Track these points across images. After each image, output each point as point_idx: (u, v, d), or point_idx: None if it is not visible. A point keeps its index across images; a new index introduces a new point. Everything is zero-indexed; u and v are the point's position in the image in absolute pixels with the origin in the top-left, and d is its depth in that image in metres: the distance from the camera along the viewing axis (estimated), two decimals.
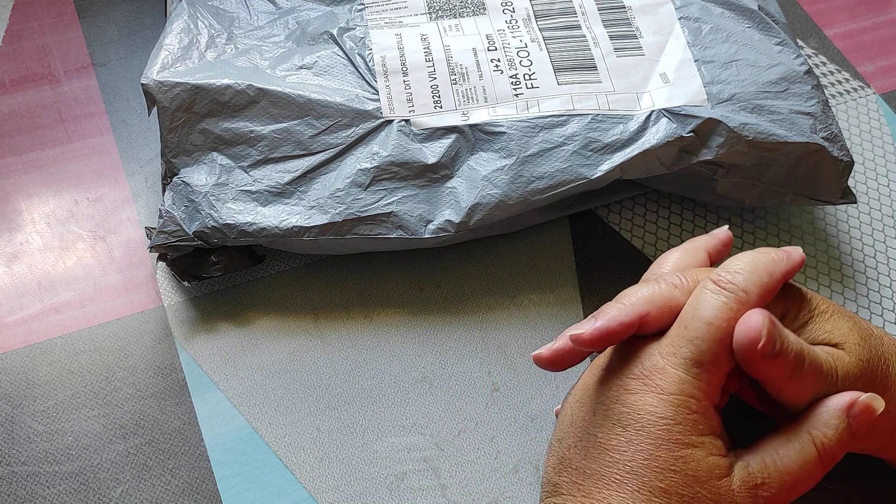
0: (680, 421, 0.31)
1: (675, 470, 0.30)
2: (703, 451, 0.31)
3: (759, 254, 0.34)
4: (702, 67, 0.46)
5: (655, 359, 0.32)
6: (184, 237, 0.42)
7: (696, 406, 0.31)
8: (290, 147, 0.44)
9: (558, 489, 0.33)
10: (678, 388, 0.31)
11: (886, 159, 0.52)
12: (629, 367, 0.32)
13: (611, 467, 0.31)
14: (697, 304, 0.32)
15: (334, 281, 0.45)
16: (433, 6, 0.49)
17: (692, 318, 0.31)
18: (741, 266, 0.33)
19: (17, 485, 0.39)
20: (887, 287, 0.46)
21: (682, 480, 0.30)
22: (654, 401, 0.31)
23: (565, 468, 0.33)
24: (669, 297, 0.33)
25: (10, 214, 0.47)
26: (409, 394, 0.42)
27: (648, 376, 0.31)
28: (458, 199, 0.43)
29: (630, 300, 0.33)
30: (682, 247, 0.37)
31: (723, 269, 0.33)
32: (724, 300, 0.31)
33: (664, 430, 0.31)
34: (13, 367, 0.42)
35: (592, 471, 0.31)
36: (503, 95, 0.45)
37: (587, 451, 0.32)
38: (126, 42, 0.55)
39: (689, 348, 0.31)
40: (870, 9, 0.60)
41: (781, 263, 0.33)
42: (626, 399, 0.32)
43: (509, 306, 0.45)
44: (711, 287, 0.32)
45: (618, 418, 0.31)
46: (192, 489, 0.39)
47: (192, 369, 0.42)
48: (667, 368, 0.31)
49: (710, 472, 0.30)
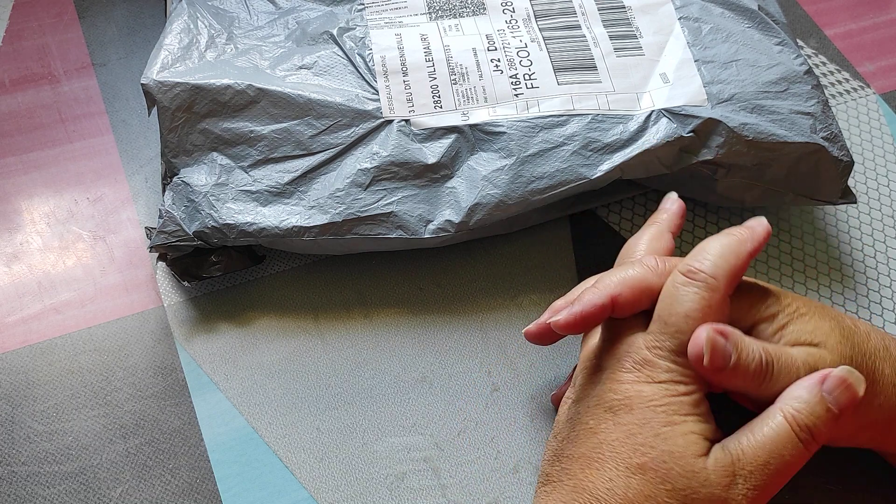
0: (666, 402, 0.32)
1: (653, 446, 0.31)
2: (682, 429, 0.31)
3: (724, 236, 0.35)
4: (702, 67, 0.46)
5: (643, 352, 0.33)
6: (184, 237, 0.42)
7: (684, 389, 0.32)
8: (290, 147, 0.44)
9: (549, 478, 0.34)
10: (667, 375, 0.32)
11: (886, 159, 0.52)
12: (621, 363, 0.33)
13: (596, 448, 0.32)
14: (672, 299, 0.33)
15: (334, 281, 0.45)
16: (433, 6, 0.49)
17: (669, 313, 0.33)
18: (708, 253, 0.34)
19: (17, 485, 0.39)
20: (887, 287, 0.46)
21: (657, 456, 0.31)
22: (643, 387, 0.32)
23: (557, 458, 0.34)
24: (642, 278, 0.34)
25: (10, 214, 0.47)
26: (409, 394, 0.42)
27: (640, 369, 0.33)
28: (458, 199, 0.43)
29: (604, 283, 0.34)
30: (647, 232, 0.38)
31: (691, 258, 0.34)
32: (695, 290, 0.33)
33: (650, 409, 0.32)
34: (13, 367, 0.42)
35: (580, 454, 0.33)
36: (503, 95, 0.45)
37: (577, 438, 0.33)
38: (126, 42, 0.55)
39: (671, 341, 0.33)
40: (870, 9, 0.60)
41: (746, 243, 0.34)
42: (617, 388, 0.33)
43: (509, 306, 0.45)
44: (681, 280, 0.33)
45: (609, 405, 0.33)
46: (192, 489, 0.39)
47: (192, 369, 0.42)
48: (655, 361, 0.33)
49: (686, 448, 0.31)
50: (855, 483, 0.40)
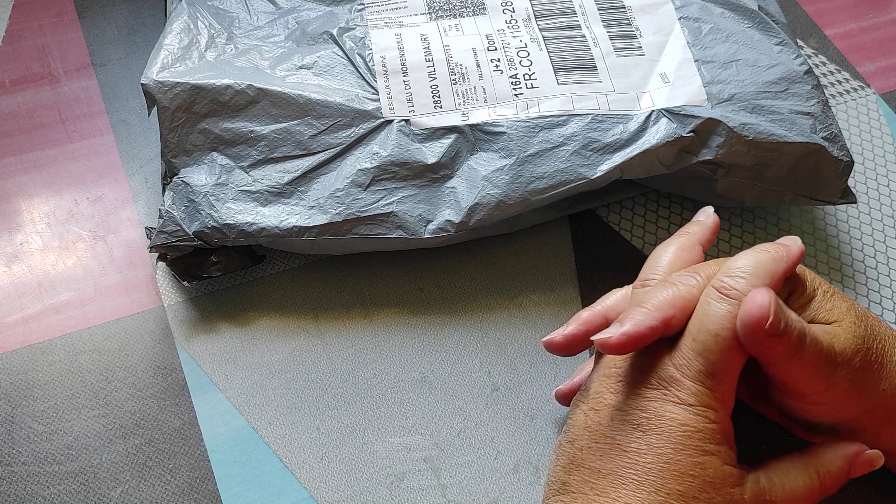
0: (700, 429, 0.31)
1: (694, 475, 0.31)
2: (719, 460, 0.31)
3: (760, 253, 0.34)
4: (702, 67, 0.46)
5: (670, 370, 0.32)
6: (184, 237, 0.42)
7: (714, 416, 0.31)
8: (290, 147, 0.44)
9: (567, 487, 0.33)
10: (696, 399, 0.31)
11: (886, 159, 0.52)
12: (645, 378, 0.33)
13: (628, 468, 0.31)
14: (703, 315, 0.32)
15: (334, 281, 0.45)
16: (433, 6, 0.49)
17: (699, 330, 0.32)
18: (742, 270, 0.33)
19: (17, 485, 0.39)
20: (887, 287, 0.46)
21: (698, 485, 0.31)
22: (674, 409, 0.31)
23: (577, 467, 0.33)
24: (690, 298, 0.33)
25: (10, 214, 0.47)
26: (409, 394, 0.42)
27: (666, 387, 0.32)
28: (458, 199, 0.43)
29: (653, 304, 0.33)
30: (676, 241, 0.37)
31: (724, 274, 0.33)
32: (728, 308, 0.32)
33: (685, 435, 0.31)
34: (13, 367, 0.42)
35: (608, 470, 0.32)
36: (503, 95, 0.45)
37: (603, 452, 0.32)
38: (126, 42, 0.55)
39: (700, 361, 0.32)
40: (870, 9, 0.60)
41: (782, 262, 0.34)
42: (645, 405, 0.32)
43: (509, 306, 0.45)
44: (715, 296, 0.32)
45: (637, 423, 0.32)
46: (192, 489, 0.39)
47: (192, 369, 0.42)
48: (683, 381, 0.32)
49: (725, 479, 0.31)
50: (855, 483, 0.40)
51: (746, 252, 0.34)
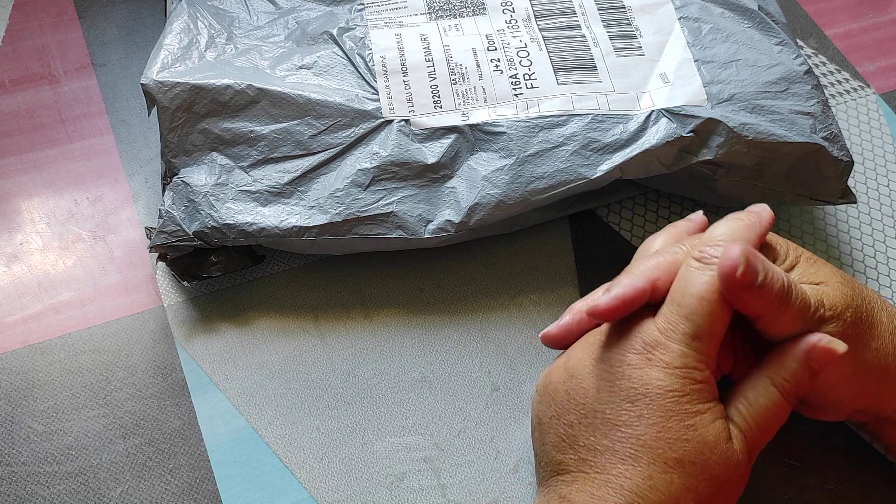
0: (687, 392, 0.32)
1: (687, 439, 0.31)
2: (709, 417, 0.32)
3: (734, 221, 0.35)
4: (702, 67, 0.46)
5: (654, 334, 0.33)
6: (184, 237, 0.42)
7: (700, 376, 0.32)
8: (290, 147, 0.44)
9: (565, 467, 0.33)
10: (682, 361, 0.32)
11: (886, 159, 0.52)
12: (629, 342, 0.33)
13: (623, 442, 0.32)
14: (686, 282, 0.33)
15: (334, 281, 0.45)
16: (433, 6, 0.49)
17: (683, 295, 0.33)
18: (720, 238, 0.34)
19: (17, 485, 0.39)
20: (887, 287, 0.46)
21: (694, 448, 0.31)
22: (659, 374, 0.32)
23: (570, 446, 0.33)
24: (675, 262, 0.34)
25: (10, 214, 0.47)
26: (409, 394, 0.42)
27: (651, 351, 0.32)
28: (457, 199, 0.43)
29: (639, 269, 0.34)
30: (666, 232, 0.38)
31: (703, 243, 0.34)
32: (710, 273, 0.33)
33: (673, 401, 0.32)
34: (13, 367, 0.42)
35: (604, 447, 0.32)
36: (503, 95, 0.45)
37: (595, 428, 0.33)
38: (126, 42, 0.55)
39: (685, 324, 0.32)
40: (870, 9, 0.60)
41: (755, 227, 0.35)
42: (630, 374, 0.32)
43: (509, 306, 0.45)
44: (695, 264, 0.33)
45: (625, 394, 0.32)
46: (192, 489, 0.39)
47: (192, 369, 0.42)
48: (668, 344, 0.32)
49: (717, 436, 0.32)
50: (854, 483, 0.40)
51: (721, 221, 0.35)
